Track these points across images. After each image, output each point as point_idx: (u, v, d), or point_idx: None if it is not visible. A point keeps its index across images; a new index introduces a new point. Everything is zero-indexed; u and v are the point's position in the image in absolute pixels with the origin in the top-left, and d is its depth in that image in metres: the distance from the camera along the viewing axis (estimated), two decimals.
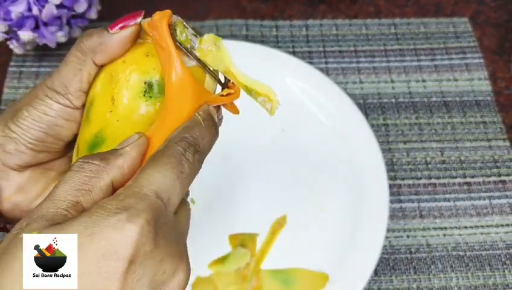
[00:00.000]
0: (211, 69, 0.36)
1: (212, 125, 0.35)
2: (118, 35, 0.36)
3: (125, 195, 0.30)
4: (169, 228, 0.30)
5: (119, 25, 0.36)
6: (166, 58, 0.34)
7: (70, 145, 0.39)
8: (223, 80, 0.38)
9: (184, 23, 0.35)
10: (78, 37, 0.37)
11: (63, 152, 0.39)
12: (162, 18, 0.34)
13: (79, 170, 0.31)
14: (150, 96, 0.35)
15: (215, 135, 0.35)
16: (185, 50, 0.35)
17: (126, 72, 0.35)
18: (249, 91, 0.36)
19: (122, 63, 0.35)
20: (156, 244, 0.29)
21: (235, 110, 0.40)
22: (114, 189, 0.32)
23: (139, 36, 0.37)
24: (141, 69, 0.35)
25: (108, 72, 0.36)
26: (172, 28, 0.35)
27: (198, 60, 0.35)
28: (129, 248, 0.28)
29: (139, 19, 0.36)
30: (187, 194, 0.37)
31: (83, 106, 0.37)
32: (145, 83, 0.35)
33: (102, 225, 0.28)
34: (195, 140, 0.33)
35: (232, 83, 0.38)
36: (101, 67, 0.37)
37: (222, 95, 0.37)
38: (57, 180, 0.38)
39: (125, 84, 0.35)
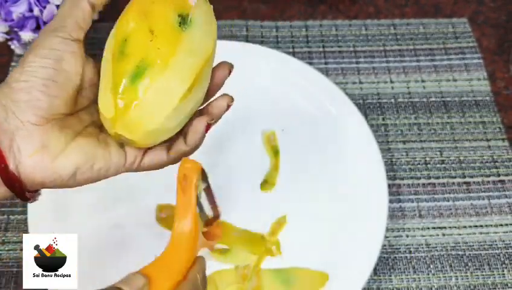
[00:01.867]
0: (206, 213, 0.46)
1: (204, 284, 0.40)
2: None
3: None
4: None
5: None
6: (184, 206, 0.41)
7: (77, 101, 0.40)
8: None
9: (199, 179, 0.43)
10: None
11: (73, 106, 0.39)
12: (194, 173, 0.42)
13: None
14: (184, 28, 0.38)
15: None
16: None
17: (161, 8, 0.38)
18: None
19: (152, 3, 0.39)
20: None
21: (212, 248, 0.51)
22: None
23: None
24: (174, 4, 0.39)
25: (141, 10, 0.38)
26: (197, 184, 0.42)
27: (200, 206, 0.45)
28: None
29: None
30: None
31: (83, 41, 0.39)
32: (178, 15, 0.39)
33: None
34: None
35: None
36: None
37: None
38: (74, 138, 0.38)
39: (162, 17, 0.38)
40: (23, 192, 0.37)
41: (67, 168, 0.37)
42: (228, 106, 0.42)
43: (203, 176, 0.42)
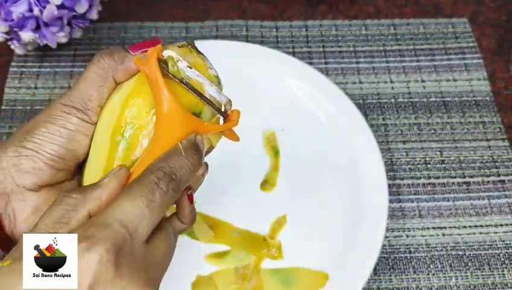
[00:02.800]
0: (208, 98, 0.38)
1: (194, 154, 0.35)
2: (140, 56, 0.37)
3: (90, 225, 0.31)
4: (135, 257, 0.31)
5: (141, 49, 0.38)
6: (156, 91, 0.35)
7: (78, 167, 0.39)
8: (223, 108, 0.39)
9: (177, 57, 0.37)
10: (96, 55, 0.38)
11: (73, 174, 0.39)
12: (152, 52, 0.36)
13: (59, 203, 0.33)
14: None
15: (196, 163, 0.36)
16: (179, 81, 0.36)
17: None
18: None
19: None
20: (117, 273, 0.30)
21: (235, 138, 0.41)
22: None
23: None
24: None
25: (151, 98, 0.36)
26: (162, 62, 0.36)
27: (194, 90, 0.37)
28: (88, 276, 0.29)
29: (159, 45, 0.37)
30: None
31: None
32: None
33: None
34: (172, 169, 0.34)
35: (232, 111, 0.39)
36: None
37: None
38: None
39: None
40: None
41: None
42: (203, 175, 0.41)
43: (178, 59, 0.37)
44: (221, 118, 0.40)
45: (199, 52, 0.39)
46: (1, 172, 0.36)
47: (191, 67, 0.37)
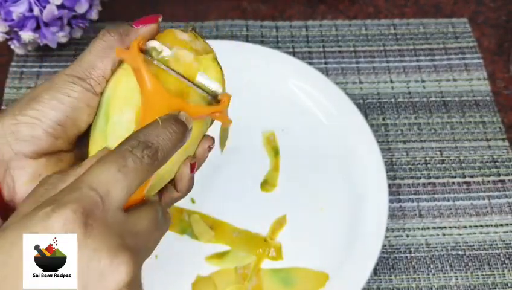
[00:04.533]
0: (197, 83, 0.38)
1: (173, 124, 0.34)
2: (143, 29, 0.39)
3: (60, 192, 0.31)
4: (108, 221, 0.30)
5: (144, 24, 0.39)
6: (139, 78, 0.35)
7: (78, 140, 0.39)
8: (219, 91, 0.39)
9: (160, 46, 0.37)
10: (101, 31, 0.39)
11: (74, 145, 0.39)
12: (133, 43, 0.36)
13: (41, 184, 0.33)
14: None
15: (177, 133, 0.35)
16: (165, 67, 0.36)
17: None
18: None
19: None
20: (86, 234, 0.29)
21: (227, 121, 0.40)
22: None
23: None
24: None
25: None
26: (145, 52, 0.37)
27: (179, 74, 0.37)
28: None
29: (159, 18, 0.39)
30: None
31: (101, 93, 0.38)
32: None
33: (33, 221, 0.29)
34: (147, 137, 0.33)
35: (223, 95, 0.39)
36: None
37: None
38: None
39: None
40: None
41: None
42: (209, 148, 0.41)
43: (161, 50, 0.37)
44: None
45: (203, 38, 0.40)
46: None
47: (177, 57, 0.37)
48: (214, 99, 0.39)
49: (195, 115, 0.37)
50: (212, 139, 0.41)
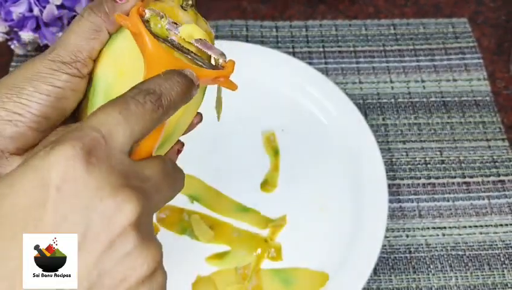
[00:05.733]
0: (198, 55, 0.37)
1: (176, 75, 0.33)
2: (127, 4, 0.36)
3: (62, 135, 0.29)
4: (111, 162, 0.29)
5: None
6: (140, 42, 0.34)
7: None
8: (214, 62, 0.38)
9: (160, 14, 0.36)
10: (84, 9, 0.37)
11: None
12: (133, 9, 0.35)
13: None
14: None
15: (179, 83, 0.33)
16: (164, 40, 0.35)
17: None
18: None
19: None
20: (88, 171, 0.27)
21: (232, 86, 0.39)
22: None
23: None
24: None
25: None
26: (145, 21, 0.35)
27: (179, 47, 0.36)
28: (53, 173, 0.27)
29: (139, 1, 0.36)
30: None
31: (89, 74, 0.36)
32: None
33: (34, 159, 0.28)
34: (148, 85, 0.32)
35: (226, 62, 0.38)
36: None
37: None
38: None
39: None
40: None
41: None
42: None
43: (161, 16, 0.36)
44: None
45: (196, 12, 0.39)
46: None
47: (176, 24, 0.36)
48: (212, 65, 0.38)
49: (201, 78, 0.35)
50: (200, 115, 0.40)
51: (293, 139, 0.66)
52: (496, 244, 0.60)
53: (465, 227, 0.62)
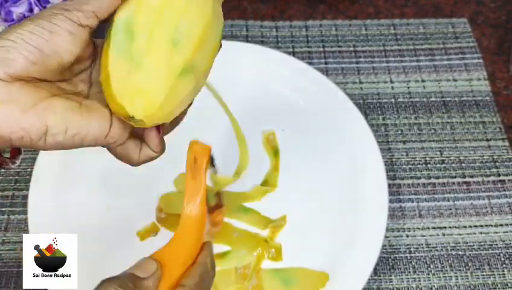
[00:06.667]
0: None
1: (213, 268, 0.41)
2: None
3: None
4: None
5: None
6: (193, 189, 0.40)
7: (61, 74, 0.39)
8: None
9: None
10: None
11: (56, 76, 0.38)
12: (204, 155, 0.41)
13: None
14: None
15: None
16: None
17: None
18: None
19: None
20: None
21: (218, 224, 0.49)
22: None
23: None
24: None
25: None
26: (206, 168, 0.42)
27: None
28: None
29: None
30: None
31: (92, 33, 0.38)
32: None
33: None
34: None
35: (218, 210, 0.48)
36: None
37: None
38: (48, 97, 0.36)
39: None
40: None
41: (36, 126, 0.35)
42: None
43: (212, 160, 0.42)
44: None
45: None
46: None
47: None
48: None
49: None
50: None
51: (293, 139, 0.66)
52: (496, 244, 0.60)
53: (465, 227, 0.62)
